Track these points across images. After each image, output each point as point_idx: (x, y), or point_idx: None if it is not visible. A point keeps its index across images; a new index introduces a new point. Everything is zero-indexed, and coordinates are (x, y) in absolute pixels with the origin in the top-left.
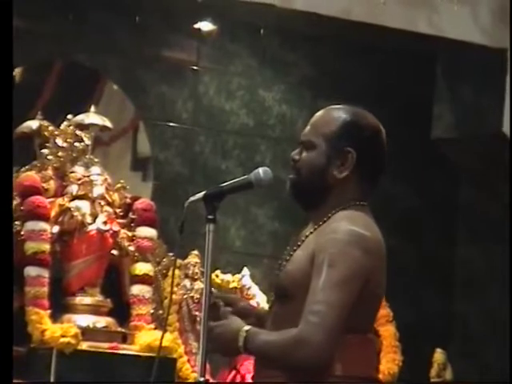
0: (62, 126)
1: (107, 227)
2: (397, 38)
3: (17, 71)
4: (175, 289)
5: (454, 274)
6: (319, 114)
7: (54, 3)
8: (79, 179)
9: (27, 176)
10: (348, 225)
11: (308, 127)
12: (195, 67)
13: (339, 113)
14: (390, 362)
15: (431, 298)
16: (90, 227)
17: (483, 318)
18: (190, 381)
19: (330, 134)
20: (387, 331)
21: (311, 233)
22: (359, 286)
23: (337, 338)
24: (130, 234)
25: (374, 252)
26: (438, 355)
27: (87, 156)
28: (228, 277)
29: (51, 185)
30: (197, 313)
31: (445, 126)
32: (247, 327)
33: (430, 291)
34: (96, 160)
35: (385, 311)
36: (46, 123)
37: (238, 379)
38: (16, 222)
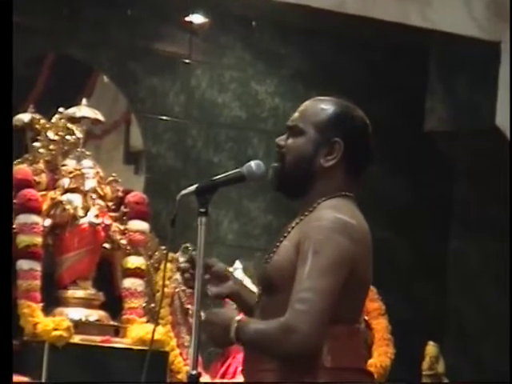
0: (54, 119)
1: (99, 220)
2: (390, 31)
3: None
4: (167, 282)
5: (447, 268)
6: (308, 102)
7: None
8: (71, 172)
9: (19, 169)
10: (333, 212)
11: (296, 114)
12: (187, 60)
13: (328, 103)
14: (382, 354)
15: (424, 291)
16: (82, 220)
17: (476, 312)
18: (182, 373)
19: (319, 123)
20: (379, 324)
21: (297, 223)
22: (345, 273)
23: (325, 325)
24: (122, 227)
25: (359, 240)
26: (430, 348)
27: (79, 149)
28: None
29: (43, 178)
30: (189, 306)
31: (438, 119)
32: (238, 317)
33: (424, 285)
34: (88, 153)
35: (377, 304)
36: (37, 116)
37: (231, 372)
38: None
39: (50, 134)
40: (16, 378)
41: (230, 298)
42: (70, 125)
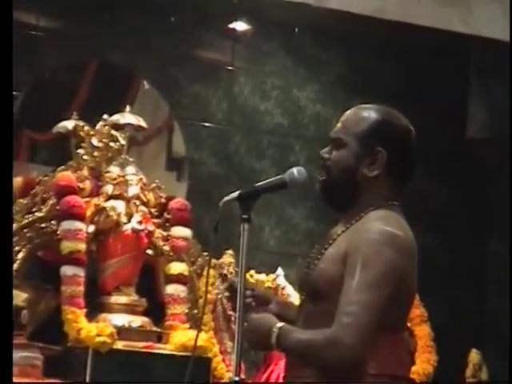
0: (98, 126)
1: (142, 227)
2: (431, 37)
3: (52, 71)
4: (210, 288)
5: (488, 272)
6: (350, 112)
7: (90, 3)
8: (114, 179)
9: (63, 176)
10: (381, 225)
11: (339, 125)
12: (230, 67)
13: (370, 112)
14: (424, 362)
15: (466, 297)
16: (125, 227)
17: None
18: (224, 380)
19: (361, 133)
20: (422, 331)
21: (343, 231)
22: (393, 286)
23: (370, 339)
24: (164, 233)
25: (406, 252)
26: (474, 355)
27: (122, 156)
28: (262, 276)
29: (87, 185)
30: (231, 312)
31: (479, 125)
32: (280, 324)
33: (465, 291)
34: (131, 160)
35: (419, 311)
36: (81, 123)
37: (273, 379)
38: (52, 222)
39: (94, 141)
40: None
41: None
42: (113, 132)
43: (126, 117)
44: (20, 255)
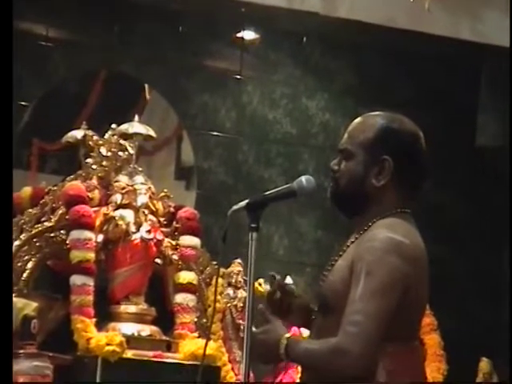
0: (107, 136)
1: (151, 236)
2: (441, 46)
3: (62, 81)
4: (219, 297)
5: (500, 282)
6: (356, 121)
7: (100, 14)
8: (123, 188)
9: (72, 185)
10: (386, 232)
11: (345, 136)
12: (238, 76)
13: (376, 120)
14: (434, 371)
15: (477, 306)
16: (134, 236)
17: None
18: None
19: (366, 142)
20: (432, 340)
21: (352, 242)
22: (398, 294)
23: (376, 348)
24: (173, 242)
25: (413, 259)
26: (484, 364)
27: (131, 165)
28: None
29: (96, 194)
30: (240, 321)
31: (489, 134)
32: (288, 334)
33: (477, 300)
34: (140, 169)
35: (429, 319)
36: (90, 133)
37: None
38: (61, 231)
39: (103, 151)
40: None
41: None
42: (122, 141)
43: (135, 126)
44: (29, 265)
